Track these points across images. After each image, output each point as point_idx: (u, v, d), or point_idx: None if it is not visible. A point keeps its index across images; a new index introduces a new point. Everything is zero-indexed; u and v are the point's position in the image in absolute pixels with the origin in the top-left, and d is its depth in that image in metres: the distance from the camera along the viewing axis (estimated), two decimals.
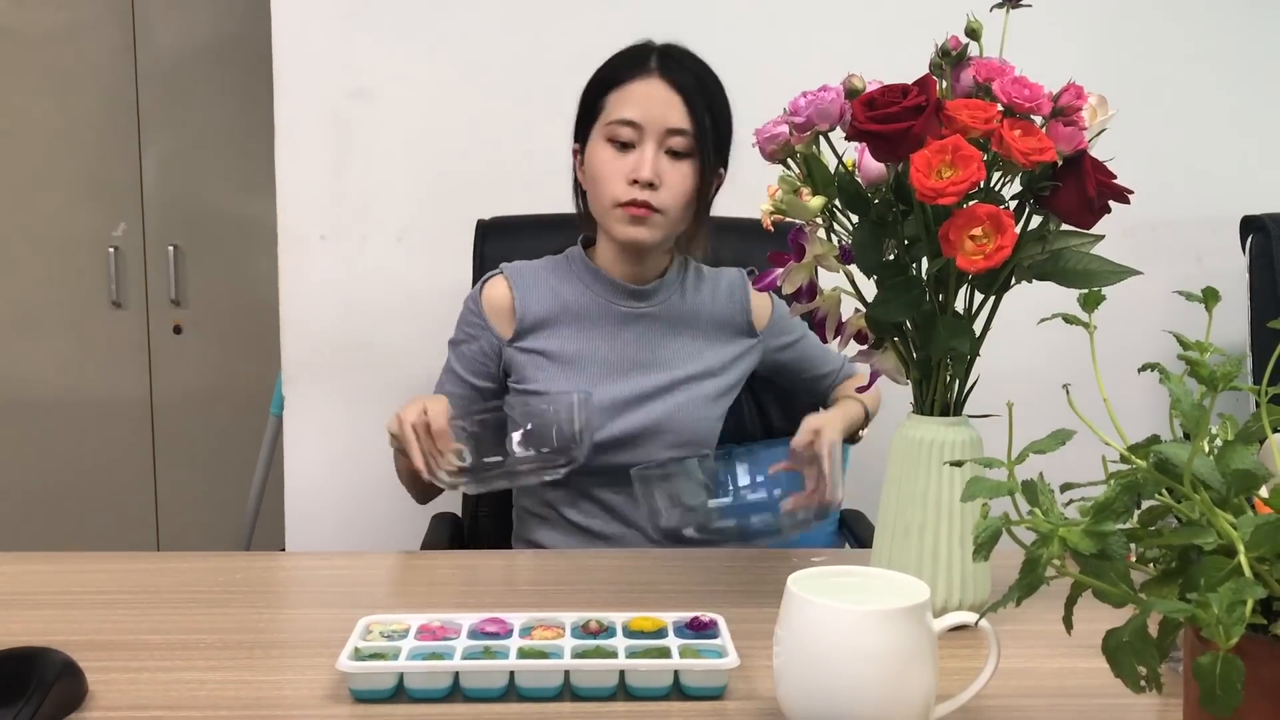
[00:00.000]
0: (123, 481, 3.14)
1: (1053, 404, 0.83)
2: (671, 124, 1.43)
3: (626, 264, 1.52)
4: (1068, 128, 0.95)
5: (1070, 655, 0.95)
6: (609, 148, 1.45)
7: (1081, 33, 2.05)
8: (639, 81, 1.45)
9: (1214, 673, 0.56)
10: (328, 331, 2.03)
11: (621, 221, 1.45)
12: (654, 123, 1.43)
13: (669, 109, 1.44)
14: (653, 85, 1.44)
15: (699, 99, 1.45)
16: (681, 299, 1.56)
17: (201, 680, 0.92)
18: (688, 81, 1.45)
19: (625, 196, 1.43)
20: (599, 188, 1.46)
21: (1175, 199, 2.10)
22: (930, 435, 1.01)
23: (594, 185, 1.47)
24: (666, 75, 1.45)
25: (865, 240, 1.00)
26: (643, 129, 1.43)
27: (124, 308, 3.10)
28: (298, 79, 1.97)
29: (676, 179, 1.44)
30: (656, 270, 1.55)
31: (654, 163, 1.42)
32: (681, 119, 1.44)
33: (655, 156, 1.43)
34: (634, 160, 1.43)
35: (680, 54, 1.48)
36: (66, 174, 3.04)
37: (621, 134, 1.44)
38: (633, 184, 1.43)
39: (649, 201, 1.43)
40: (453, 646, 0.91)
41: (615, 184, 1.44)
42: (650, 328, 1.54)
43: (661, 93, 1.44)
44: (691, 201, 1.46)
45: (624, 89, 1.45)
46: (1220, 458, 0.63)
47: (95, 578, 1.19)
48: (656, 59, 1.46)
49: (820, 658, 0.77)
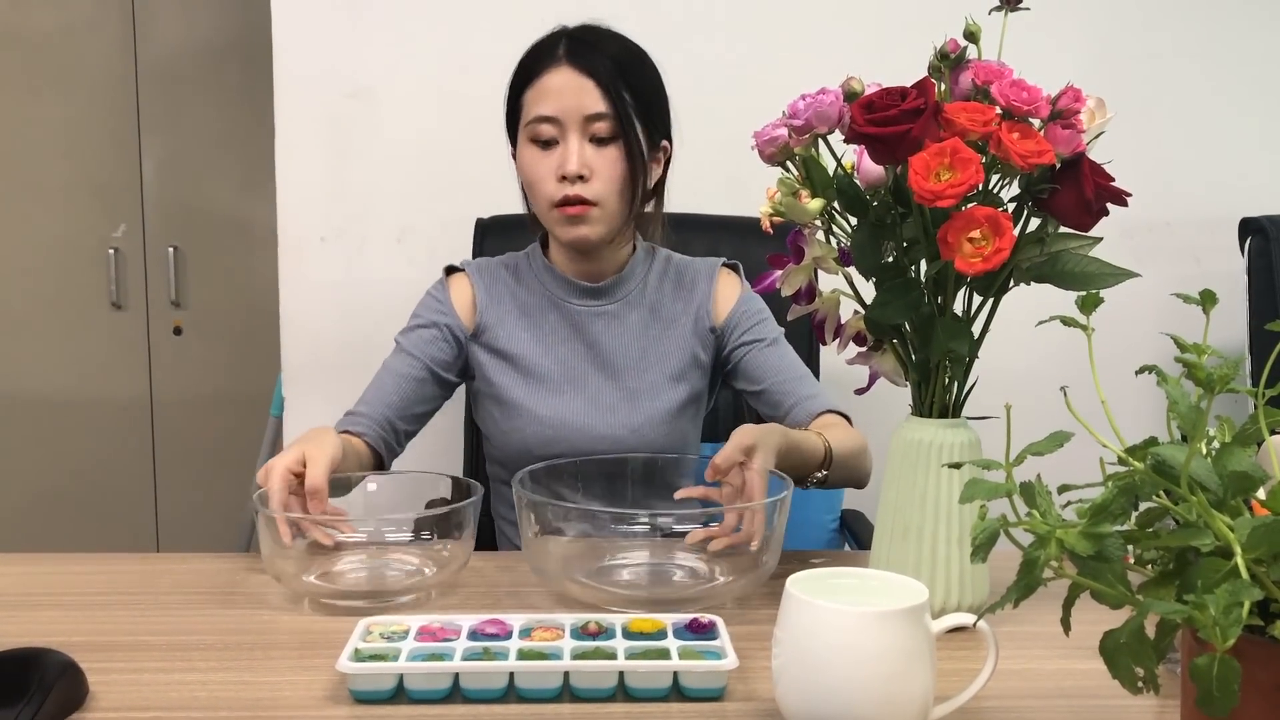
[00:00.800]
0: (123, 482, 3.14)
1: (1051, 406, 0.83)
2: (588, 110, 1.38)
3: (579, 262, 1.49)
4: (1066, 130, 0.95)
5: (1068, 656, 0.95)
6: (533, 148, 1.41)
7: (1079, 35, 2.05)
8: (550, 73, 1.40)
9: (1211, 674, 0.56)
10: (328, 332, 2.03)
11: (560, 224, 1.41)
12: (570, 113, 1.38)
13: (583, 96, 1.38)
14: (563, 75, 1.39)
15: (614, 79, 1.39)
16: (643, 295, 1.51)
17: (202, 681, 0.92)
18: (599, 63, 1.39)
19: (558, 195, 1.39)
20: (533, 190, 1.43)
21: (1174, 201, 2.10)
22: (929, 437, 1.01)
23: (529, 189, 1.45)
24: (575, 61, 1.39)
25: (864, 242, 1.00)
26: (561, 122, 1.39)
27: (124, 309, 3.10)
28: (297, 80, 1.98)
29: (604, 166, 1.39)
30: (614, 265, 1.50)
31: (579, 154, 1.38)
32: (597, 102, 1.38)
33: (580, 147, 1.38)
34: (559, 156, 1.39)
35: (593, 36, 1.43)
36: (66, 175, 3.04)
37: (542, 132, 1.40)
38: (562, 180, 1.39)
39: (581, 195, 1.38)
40: (452, 648, 0.91)
41: (546, 184, 1.40)
42: (609, 327, 1.49)
43: (573, 80, 1.39)
44: (627, 186, 1.41)
45: (537, 84, 1.41)
46: (1218, 460, 0.63)
47: (95, 579, 1.19)
48: (565, 46, 1.41)
49: (819, 659, 0.78)
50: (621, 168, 1.40)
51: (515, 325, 1.49)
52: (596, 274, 1.50)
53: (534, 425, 1.46)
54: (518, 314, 1.49)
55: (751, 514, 1.09)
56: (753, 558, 1.10)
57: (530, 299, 1.50)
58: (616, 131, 1.39)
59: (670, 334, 1.50)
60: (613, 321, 1.49)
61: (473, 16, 1.99)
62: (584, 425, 1.45)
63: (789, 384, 1.45)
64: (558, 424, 1.45)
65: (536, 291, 1.50)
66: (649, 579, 1.16)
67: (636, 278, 1.51)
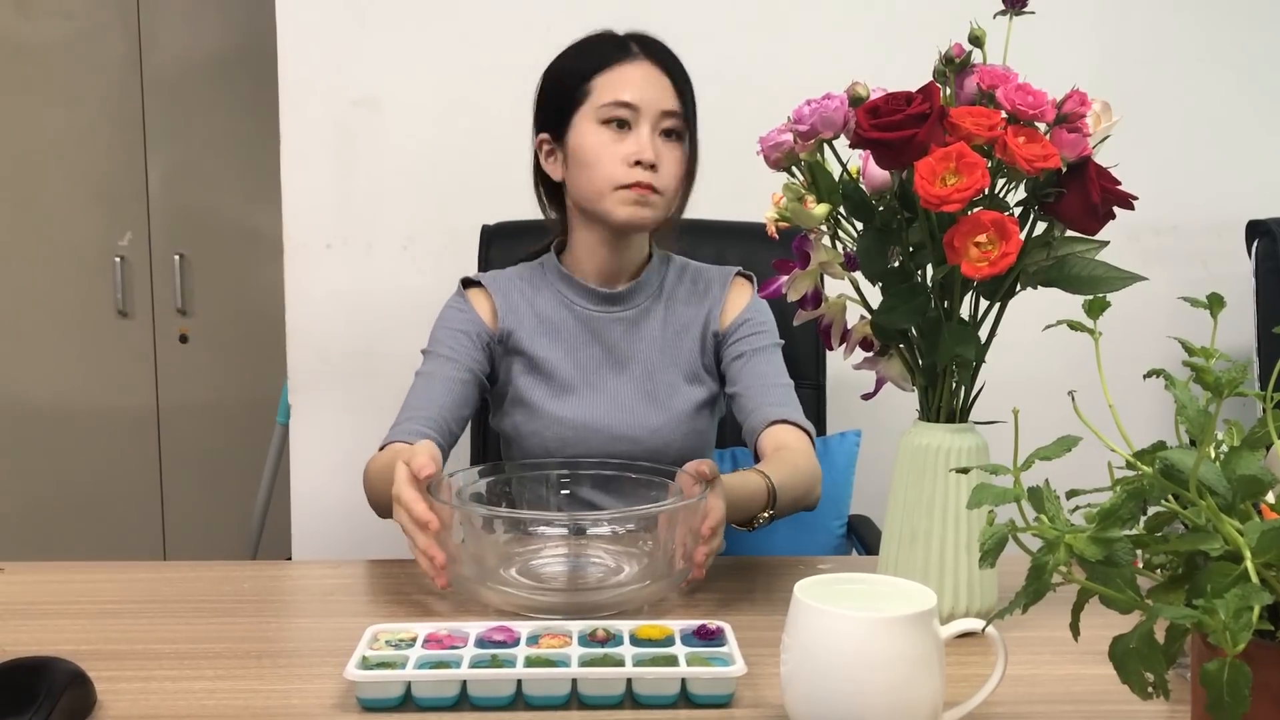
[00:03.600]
0: (129, 490, 3.15)
1: (1058, 410, 0.83)
2: (665, 105, 1.42)
3: (605, 258, 1.48)
4: (1071, 134, 0.95)
5: (1077, 661, 0.95)
6: (605, 130, 1.42)
7: (1085, 38, 2.05)
8: (628, 65, 1.43)
9: (1221, 679, 0.56)
10: (334, 340, 2.03)
11: (624, 203, 1.41)
12: (650, 104, 1.42)
13: (662, 91, 1.43)
14: (644, 68, 1.43)
15: (685, 82, 1.46)
16: (659, 300, 1.52)
17: (210, 689, 0.92)
18: (674, 65, 1.45)
19: (628, 178, 1.40)
20: (596, 171, 1.42)
21: (1180, 204, 2.10)
22: (936, 442, 1.01)
23: (588, 169, 1.43)
24: (652, 58, 1.44)
25: (870, 247, 1.00)
26: (639, 110, 1.41)
27: (130, 317, 3.10)
28: (303, 88, 1.98)
29: (671, 160, 1.43)
30: (633, 266, 1.51)
31: (654, 144, 1.41)
32: (673, 101, 1.43)
33: (652, 138, 1.42)
34: (633, 142, 1.41)
35: (654, 40, 1.47)
36: (73, 183, 3.05)
37: (619, 114, 1.41)
38: (634, 165, 1.40)
39: (652, 183, 1.40)
40: (460, 655, 0.91)
41: (615, 166, 1.41)
42: (628, 333, 1.50)
43: (654, 75, 1.43)
44: (683, 183, 1.46)
45: (613, 72, 1.43)
46: (1226, 463, 0.63)
47: (103, 587, 1.19)
48: (637, 44, 1.45)
49: (827, 665, 0.77)
50: (681, 167, 1.45)
51: (534, 332, 1.49)
52: (616, 275, 1.50)
53: (555, 427, 1.46)
54: (536, 322, 1.50)
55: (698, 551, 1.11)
56: (668, 563, 1.11)
57: (547, 307, 1.50)
58: (684, 130, 1.45)
59: (685, 338, 1.52)
60: (631, 327, 1.51)
61: (478, 24, 2.00)
62: (604, 426, 1.46)
63: (758, 391, 1.45)
64: (579, 425, 1.46)
65: (553, 300, 1.51)
66: (567, 581, 1.15)
67: (652, 284, 1.52)
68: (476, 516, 1.14)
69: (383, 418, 2.04)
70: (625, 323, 1.50)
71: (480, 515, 1.15)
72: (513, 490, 1.28)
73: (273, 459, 2.43)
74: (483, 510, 1.18)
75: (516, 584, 1.11)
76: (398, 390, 1.99)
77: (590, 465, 1.31)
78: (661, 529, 1.12)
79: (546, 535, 1.19)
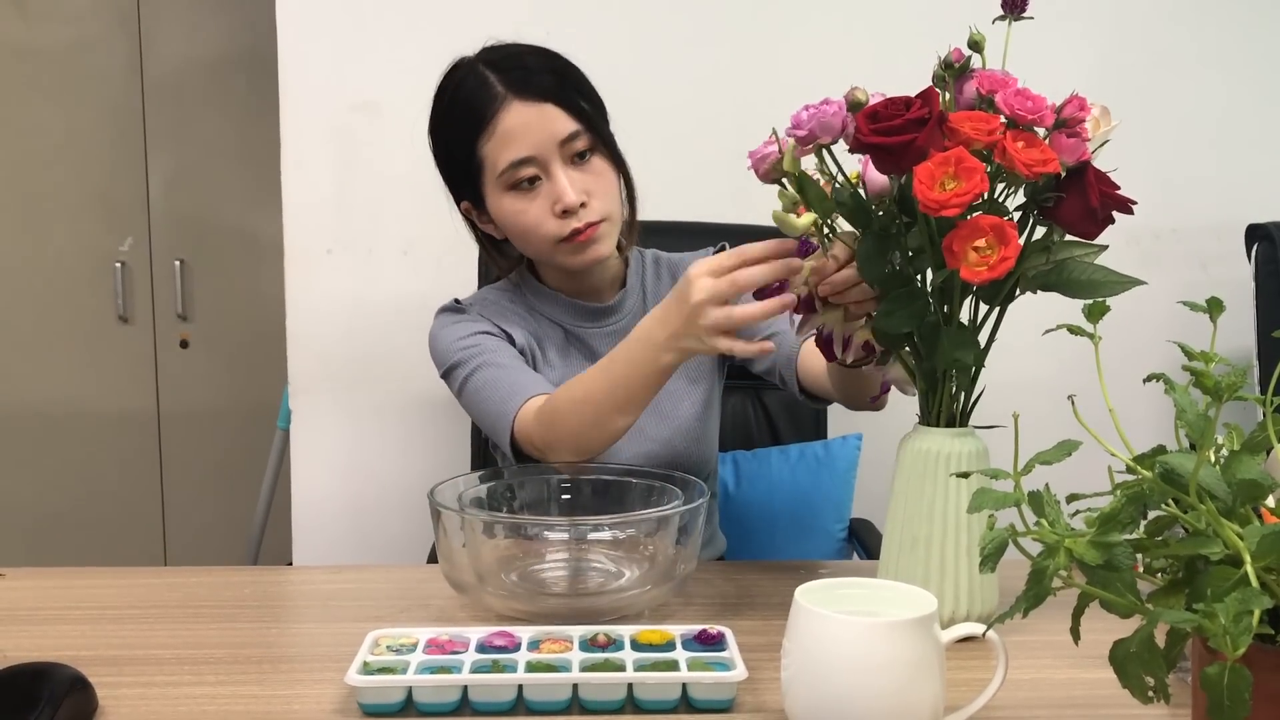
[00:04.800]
0: (130, 496, 3.15)
1: (1058, 415, 0.83)
2: (561, 134, 1.30)
3: (583, 280, 1.43)
4: (1070, 139, 0.95)
5: (1078, 666, 0.95)
6: (514, 196, 1.33)
7: (1084, 42, 2.05)
8: (503, 114, 1.30)
9: (1222, 683, 0.56)
10: (334, 345, 2.03)
11: (570, 254, 1.34)
12: (545, 145, 1.30)
13: (550, 122, 1.30)
14: (517, 111, 1.30)
15: (565, 92, 1.32)
16: (643, 303, 1.46)
17: (211, 695, 0.92)
18: (545, 83, 1.31)
19: (564, 231, 1.31)
20: (529, 237, 1.34)
21: (1180, 208, 2.10)
22: (936, 446, 1.01)
23: (520, 238, 1.36)
24: (522, 92, 1.31)
25: (869, 252, 1.00)
26: (537, 158, 1.30)
27: (131, 322, 3.11)
28: (303, 93, 1.98)
29: (596, 181, 1.33)
30: (614, 275, 1.45)
31: (572, 183, 1.31)
32: (566, 122, 1.31)
33: (568, 175, 1.31)
34: (548, 193, 1.31)
35: (512, 61, 1.34)
36: (73, 189, 3.05)
37: (520, 175, 1.31)
38: (563, 215, 1.31)
39: (589, 220, 1.32)
40: (461, 660, 0.91)
41: (544, 225, 1.32)
42: None
43: (531, 112, 1.30)
44: (620, 190, 1.37)
45: (493, 130, 1.31)
46: (1226, 468, 0.63)
47: (104, 593, 1.19)
48: (499, 82, 1.32)
49: (828, 669, 0.78)
50: (611, 175, 1.35)
51: (532, 354, 1.43)
52: (598, 291, 1.45)
53: None
54: (533, 343, 1.43)
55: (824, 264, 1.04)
56: (668, 567, 1.10)
57: (539, 328, 1.45)
58: (593, 141, 1.33)
59: None
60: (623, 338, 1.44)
61: (478, 29, 1.99)
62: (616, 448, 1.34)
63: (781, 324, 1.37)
64: None
65: (542, 320, 1.45)
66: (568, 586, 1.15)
67: (635, 290, 1.47)
68: (477, 521, 1.14)
69: (384, 422, 2.06)
70: (617, 335, 1.41)
71: (481, 520, 1.15)
72: (513, 495, 1.28)
73: (273, 464, 2.43)
74: (483, 515, 1.19)
75: (517, 589, 1.11)
76: (398, 395, 1.99)
77: (591, 470, 1.31)
78: (661, 533, 1.12)
79: (547, 540, 1.19)
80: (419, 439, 2.04)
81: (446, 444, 2.00)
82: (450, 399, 1.44)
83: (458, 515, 1.12)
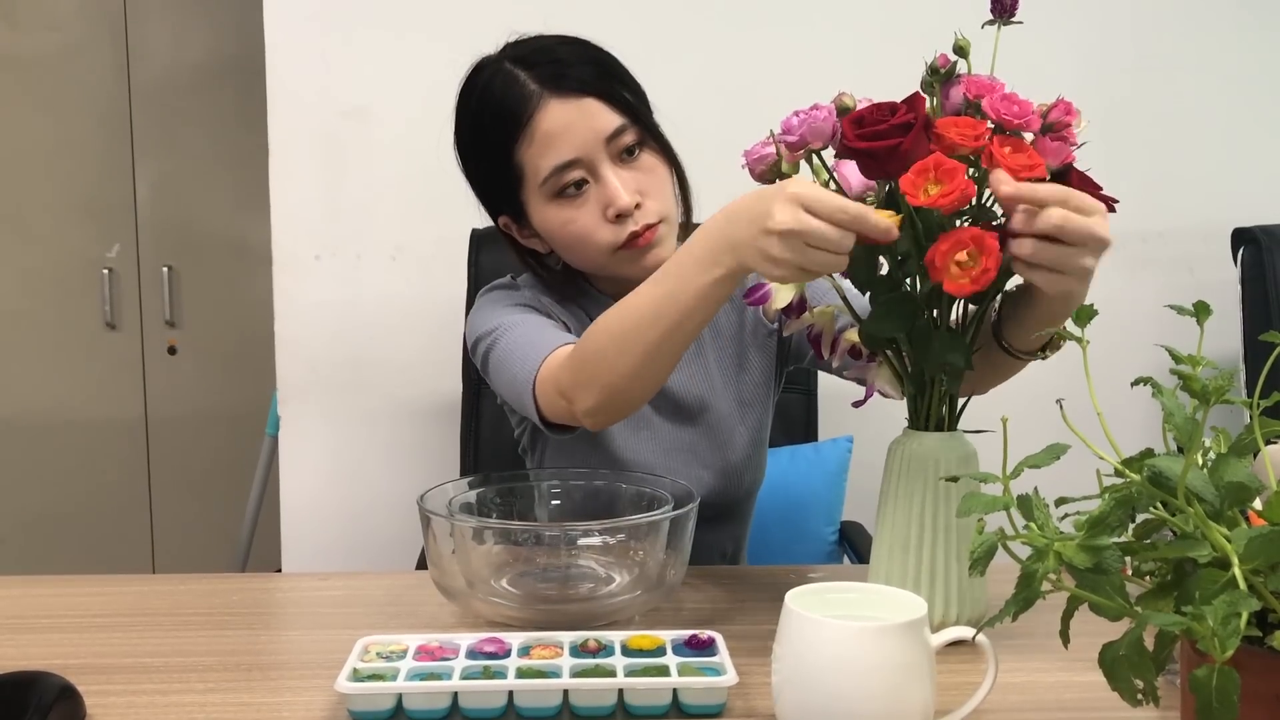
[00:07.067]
0: (118, 503, 3.14)
1: (1047, 418, 0.83)
2: (606, 130, 1.19)
3: None
4: (1055, 142, 0.95)
5: (1067, 669, 0.95)
6: (560, 205, 1.21)
7: (1071, 45, 2.06)
8: (540, 116, 1.19)
9: (1210, 685, 0.56)
10: (323, 351, 2.03)
11: (630, 261, 1.22)
12: (590, 145, 1.19)
13: (592, 119, 1.19)
14: (557, 109, 1.19)
15: (605, 82, 1.21)
16: None
17: (200, 703, 0.92)
18: (582, 75, 1.20)
19: (619, 237, 1.21)
20: (581, 248, 1.23)
21: (1166, 211, 2.11)
22: (926, 450, 1.01)
23: (571, 250, 1.25)
24: (560, 89, 1.19)
25: (858, 256, 1.00)
26: (583, 160, 1.19)
27: (118, 329, 3.10)
28: (291, 99, 1.98)
29: (649, 178, 1.22)
30: None
31: (623, 184, 1.20)
32: (611, 117, 1.20)
33: (618, 175, 1.20)
34: (598, 197, 1.20)
35: (545, 55, 1.22)
36: (60, 195, 3.04)
37: (566, 180, 1.20)
38: (618, 219, 1.20)
39: (647, 223, 1.21)
40: (451, 667, 0.91)
41: (598, 234, 1.21)
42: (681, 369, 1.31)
43: (571, 109, 1.19)
44: (676, 183, 1.26)
45: (530, 135, 1.19)
46: (1214, 471, 0.63)
47: (91, 601, 1.18)
48: (533, 80, 1.20)
49: (819, 674, 0.78)
50: (663, 170, 1.24)
51: None
52: None
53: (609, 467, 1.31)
54: None
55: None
56: (658, 572, 1.10)
57: None
58: (641, 135, 1.22)
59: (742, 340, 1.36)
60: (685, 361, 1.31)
61: (466, 34, 1.99)
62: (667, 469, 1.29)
63: None
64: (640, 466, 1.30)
65: None
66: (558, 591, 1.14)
67: None
68: (466, 527, 1.14)
69: (372, 428, 2.05)
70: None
71: (470, 526, 1.15)
72: (503, 501, 1.27)
73: (262, 470, 2.43)
74: (473, 521, 1.18)
75: (507, 595, 1.11)
76: (388, 399, 1.99)
77: (581, 475, 1.30)
78: (651, 539, 1.12)
79: (537, 546, 1.19)
80: (408, 445, 2.03)
81: (436, 449, 1.99)
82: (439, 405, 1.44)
83: (447, 521, 1.11)
